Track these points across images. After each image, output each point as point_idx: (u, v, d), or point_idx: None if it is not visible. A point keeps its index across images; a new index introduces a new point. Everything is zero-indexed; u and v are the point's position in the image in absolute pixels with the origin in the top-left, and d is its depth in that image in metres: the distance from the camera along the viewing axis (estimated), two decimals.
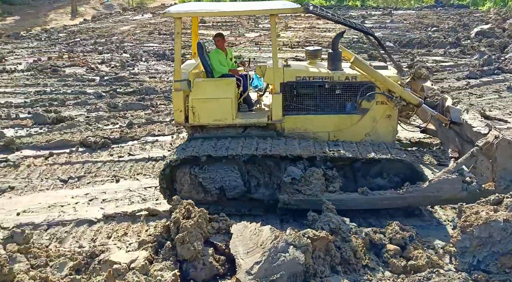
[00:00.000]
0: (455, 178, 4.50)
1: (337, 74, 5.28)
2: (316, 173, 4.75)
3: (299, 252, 3.25)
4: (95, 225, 5.12)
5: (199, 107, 5.24)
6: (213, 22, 21.69)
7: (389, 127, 5.41)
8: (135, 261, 3.59)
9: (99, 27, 20.97)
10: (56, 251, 3.90)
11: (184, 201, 4.22)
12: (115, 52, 14.96)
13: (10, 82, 11.41)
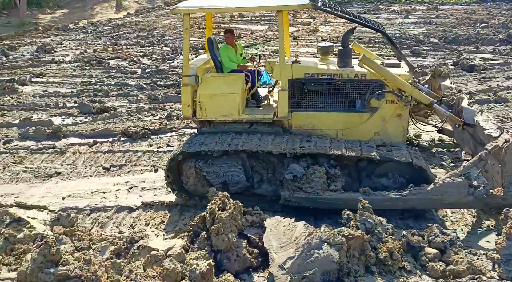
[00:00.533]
0: (461, 182, 4.33)
1: (346, 72, 5.18)
2: (318, 171, 4.71)
3: (333, 250, 3.23)
4: (134, 212, 5.32)
5: (206, 102, 5.26)
6: (251, 17, 21.71)
7: (399, 127, 5.26)
8: (172, 249, 3.70)
9: (142, 21, 21.60)
10: (98, 235, 4.10)
11: (220, 193, 4.29)
12: (156, 46, 15.36)
13: (58, 73, 12.03)
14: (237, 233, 3.90)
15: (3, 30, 19.62)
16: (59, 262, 3.13)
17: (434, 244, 3.81)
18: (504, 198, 4.29)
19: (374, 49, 14.14)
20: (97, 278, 3.08)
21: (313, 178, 4.70)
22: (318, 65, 5.37)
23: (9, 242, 3.70)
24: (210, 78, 5.43)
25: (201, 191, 5.16)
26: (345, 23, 19.46)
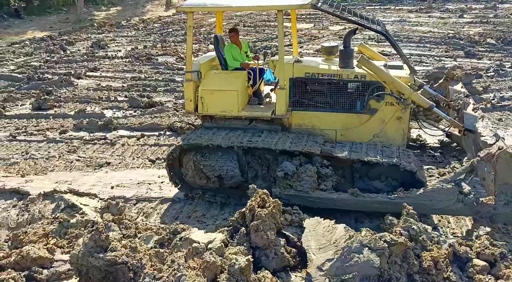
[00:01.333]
0: (450, 188, 4.28)
1: (346, 72, 5.16)
2: (309, 170, 4.73)
3: (374, 255, 3.17)
4: (177, 204, 5.50)
5: (207, 97, 5.38)
6: (296, 15, 21.55)
7: (399, 130, 5.20)
8: (212, 242, 3.79)
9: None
10: (144, 224, 4.29)
11: (260, 191, 4.33)
12: (202, 43, 15.68)
13: (111, 68, 12.64)
14: (276, 231, 3.92)
15: (62, 26, 20.93)
16: (107, 248, 3.32)
17: (483, 256, 3.62)
18: (495, 207, 4.20)
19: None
20: (142, 265, 3.23)
21: (304, 177, 4.73)
22: (319, 65, 5.36)
23: (63, 226, 3.98)
24: (213, 74, 5.57)
25: (199, 183, 5.37)
26: (394, 23, 18.82)
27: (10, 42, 17.06)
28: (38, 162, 6.70)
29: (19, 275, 3.24)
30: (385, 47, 13.84)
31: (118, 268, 3.19)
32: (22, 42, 17.02)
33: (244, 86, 5.47)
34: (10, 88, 10.70)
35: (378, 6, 24.52)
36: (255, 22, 19.90)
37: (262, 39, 16.12)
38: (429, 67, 11.24)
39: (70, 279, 3.42)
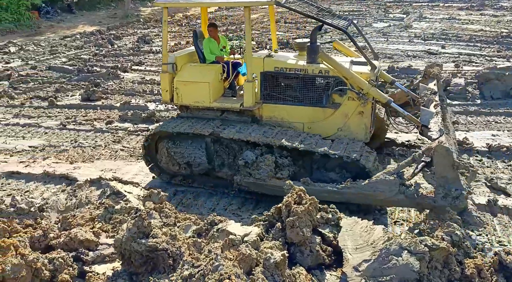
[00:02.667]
0: (392, 180, 4.44)
1: (312, 68, 5.33)
2: (267, 159, 5.03)
3: (414, 259, 3.09)
4: (214, 197, 5.63)
5: (182, 88, 5.70)
6: (339, 11, 21.16)
7: (361, 125, 5.35)
8: (248, 235, 3.84)
9: (232, 15, 22.36)
10: (183, 214, 4.42)
11: (296, 187, 4.34)
12: (243, 39, 15.79)
13: (155, 62, 13.05)
14: (312, 228, 3.92)
15: (110, 21, 21.83)
16: (149, 234, 3.46)
17: None
18: (434, 200, 4.31)
19: None
20: (181, 253, 3.34)
21: (262, 166, 5.03)
22: (288, 60, 5.52)
23: (108, 212, 4.18)
24: (188, 67, 5.86)
25: (172, 169, 5.73)
26: (442, 20, 18.03)
27: (63, 36, 18.03)
28: (85, 150, 7.08)
29: (67, 255, 3.45)
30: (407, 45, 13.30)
31: (159, 254, 3.31)
32: (73, 36, 17.94)
33: (217, 79, 5.73)
34: (62, 80, 11.34)
35: (426, 3, 23.54)
36: (296, 18, 19.75)
37: (302, 36, 15.99)
38: (479, 67, 10.69)
39: (113, 262, 3.60)
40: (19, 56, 14.59)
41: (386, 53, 12.92)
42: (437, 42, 14.06)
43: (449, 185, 4.23)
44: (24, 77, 11.42)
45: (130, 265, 3.41)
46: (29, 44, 16.55)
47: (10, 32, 19.35)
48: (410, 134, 7.19)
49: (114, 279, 3.30)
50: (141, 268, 3.37)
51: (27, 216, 4.14)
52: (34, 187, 5.90)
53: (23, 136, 7.74)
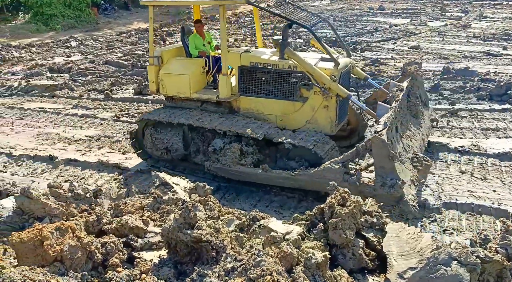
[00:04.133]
0: (337, 168, 4.76)
1: (282, 63, 5.62)
2: (233, 147, 5.42)
3: (464, 270, 2.94)
4: (256, 193, 5.69)
5: (166, 80, 6.18)
6: (392, 9, 20.44)
7: (327, 118, 5.62)
8: (290, 234, 3.85)
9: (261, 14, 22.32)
10: (227, 208, 4.52)
11: (341, 189, 4.28)
12: (290, 37, 15.74)
13: None
14: (355, 231, 3.85)
15: (163, 18, 22.61)
16: (194, 225, 3.56)
17: None
18: (374, 188, 4.59)
19: None
20: (224, 246, 3.42)
21: (228, 152, 5.43)
22: (263, 55, 5.84)
23: (156, 202, 4.37)
24: (173, 60, 6.33)
25: (156, 154, 6.24)
26: (505, 20, 16.84)
27: (119, 32, 18.95)
28: None
29: (118, 241, 3.65)
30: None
31: (203, 245, 3.41)
32: (128, 32, 18.80)
33: (198, 72, 6.15)
34: (117, 74, 11.94)
35: (488, 1, 22.11)
36: (346, 16, 19.34)
37: (352, 34, 15.64)
38: None
39: (160, 250, 3.75)
40: (79, 50, 15.55)
41: (441, 53, 12.31)
42: (498, 43, 13.18)
43: (386, 174, 4.50)
44: (83, 71, 12.16)
45: (175, 254, 3.54)
46: (88, 39, 17.58)
47: (72, 27, 20.67)
48: (464, 139, 6.84)
49: (160, 266, 3.44)
50: (186, 258, 3.48)
51: (83, 201, 4.42)
52: (89, 174, 6.29)
53: (80, 126, 8.25)
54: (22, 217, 3.86)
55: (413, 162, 5.09)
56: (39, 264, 3.05)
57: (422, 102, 6.53)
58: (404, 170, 4.81)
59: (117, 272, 3.28)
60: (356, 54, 12.79)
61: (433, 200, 5.20)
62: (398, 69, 10.92)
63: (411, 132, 5.72)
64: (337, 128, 5.77)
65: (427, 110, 6.60)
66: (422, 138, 5.79)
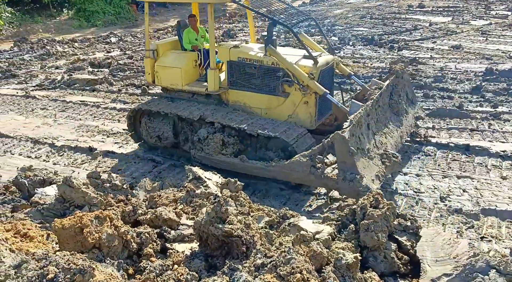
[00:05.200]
0: (305, 162, 5.03)
1: (266, 59, 5.91)
2: (216, 137, 5.79)
3: (503, 280, 2.81)
4: (285, 191, 5.70)
5: (161, 72, 6.62)
6: (433, 7, 19.71)
7: (307, 113, 5.91)
8: (320, 233, 3.84)
9: (315, 10, 22.09)
10: (257, 205, 4.55)
11: (374, 190, 4.21)
12: None
13: None
14: (388, 234, 3.77)
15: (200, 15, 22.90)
16: (225, 220, 3.62)
17: None
18: (337, 182, 4.88)
19: None
20: (254, 242, 3.45)
21: (211, 142, 5.80)
22: (249, 51, 6.10)
23: (189, 195, 4.46)
24: (168, 53, 6.73)
25: (151, 141, 6.69)
26: None
27: (156, 29, 19.41)
28: None
29: (152, 231, 3.77)
30: None
31: (233, 240, 3.46)
32: (165, 29, 19.22)
33: (191, 65, 6.54)
34: None
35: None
36: (384, 14, 18.85)
37: (389, 32, 15.24)
38: None
39: (191, 242, 3.84)
40: (118, 46, 16.08)
41: (483, 53, 11.76)
42: None
43: (346, 169, 4.77)
44: (122, 66, 12.57)
45: (206, 247, 3.61)
46: (127, 36, 18.14)
47: (112, 24, 21.39)
48: (507, 143, 6.54)
49: (192, 258, 3.52)
50: (217, 251, 3.55)
51: (120, 192, 4.59)
52: (125, 166, 6.52)
53: (118, 119, 8.55)
54: (64, 205, 4.06)
55: (383, 158, 5.30)
56: (79, 250, 3.20)
57: (409, 100, 6.78)
58: (371, 165, 5.06)
59: (150, 262, 3.38)
60: (393, 53, 12.46)
61: (470, 206, 5.02)
62: (438, 69, 10.55)
63: (389, 129, 5.92)
64: (317, 123, 6.07)
65: (413, 108, 6.79)
66: (400, 135, 6.03)
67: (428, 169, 6.06)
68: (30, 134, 7.85)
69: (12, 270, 2.19)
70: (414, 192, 5.49)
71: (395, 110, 6.24)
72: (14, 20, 19.67)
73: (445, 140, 6.83)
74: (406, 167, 6.17)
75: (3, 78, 11.81)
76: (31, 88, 10.83)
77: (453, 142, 6.73)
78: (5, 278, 2.12)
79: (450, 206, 5.07)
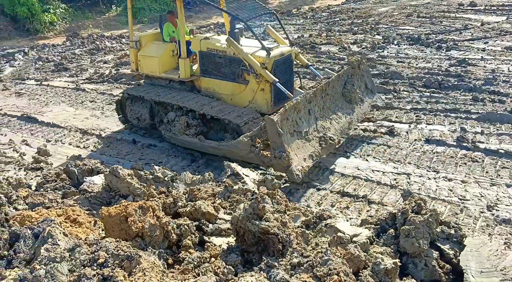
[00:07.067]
0: (246, 142, 5.67)
1: (229, 50, 6.61)
2: (181, 119, 6.54)
3: None
4: (322, 191, 5.64)
5: (142, 61, 7.49)
6: (485, 6, 18.66)
7: (263, 99, 6.58)
8: (358, 236, 3.78)
9: (359, 8, 21.58)
10: (293, 204, 4.55)
11: (416, 195, 4.08)
12: (368, 34, 15.17)
13: None
14: (429, 241, 3.65)
15: None
16: (262, 217, 3.65)
17: None
18: (270, 159, 5.45)
19: None
20: (290, 240, 3.46)
21: (176, 124, 6.58)
22: (216, 42, 6.80)
23: (227, 190, 4.54)
24: (150, 44, 7.58)
25: (134, 122, 7.58)
26: None
27: (199, 26, 19.79)
28: None
29: (191, 224, 3.87)
30: None
31: (270, 237, 3.48)
32: (208, 26, 19.54)
33: (168, 55, 7.32)
34: None
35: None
36: (431, 12, 18.09)
37: (437, 31, 14.61)
38: None
39: (228, 237, 3.91)
40: None
41: None
42: None
43: (276, 147, 5.35)
44: None
45: (243, 242, 3.66)
46: None
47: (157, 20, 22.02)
48: None
49: (228, 252, 3.59)
50: (253, 247, 3.59)
51: (161, 184, 4.75)
52: (166, 159, 6.73)
53: None
54: (110, 194, 4.27)
55: (320, 140, 5.91)
56: (123, 238, 3.35)
57: (368, 89, 7.43)
58: (306, 146, 5.72)
59: (189, 253, 3.48)
60: (441, 53, 11.95)
61: None
62: (489, 71, 10.00)
63: (337, 115, 6.50)
64: (274, 109, 6.48)
65: (371, 97, 7.42)
66: (348, 121, 6.61)
67: (475, 175, 5.78)
68: (79, 125, 8.28)
69: (66, 252, 2.35)
70: (459, 199, 5.26)
71: (347, 98, 6.84)
72: (67, 16, 20.77)
73: (494, 146, 6.48)
74: (451, 172, 5.92)
75: (56, 71, 12.52)
76: (81, 81, 11.41)
77: (503, 148, 6.38)
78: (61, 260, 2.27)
79: (497, 216, 4.82)
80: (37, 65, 13.36)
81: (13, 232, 2.79)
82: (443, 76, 9.88)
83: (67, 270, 2.27)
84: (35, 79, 11.76)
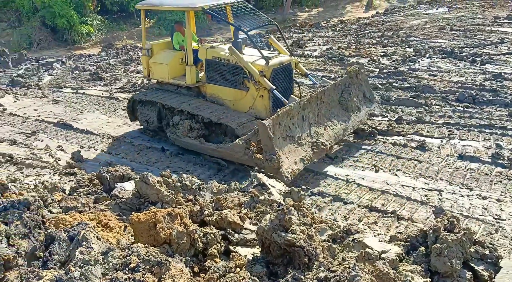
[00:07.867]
0: (240, 144, 5.98)
1: (232, 58, 7.00)
2: (185, 123, 6.97)
3: None
4: (349, 205, 5.55)
5: (153, 67, 7.95)
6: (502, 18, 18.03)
7: (263, 105, 6.96)
8: (386, 253, 3.68)
9: (389, 21, 21.36)
10: (319, 217, 4.50)
11: (449, 213, 3.95)
12: (399, 46, 14.96)
13: (305, 66, 13.40)
14: (462, 261, 3.51)
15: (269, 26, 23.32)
16: (288, 229, 3.63)
17: None
18: (262, 161, 5.67)
19: None
20: (316, 254, 3.41)
21: (180, 127, 7.01)
22: (221, 51, 7.21)
23: (253, 201, 4.54)
24: (160, 52, 8.03)
25: (144, 125, 8.11)
26: None
27: (228, 38, 20.12)
28: None
29: (217, 233, 3.90)
30: None
31: (295, 250, 3.45)
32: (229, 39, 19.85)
33: (177, 62, 7.72)
34: None
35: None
36: (466, 26, 17.66)
37: (471, 45, 14.22)
38: None
39: (254, 248, 3.90)
40: None
41: None
42: None
43: (268, 150, 5.58)
44: None
45: (268, 254, 3.64)
46: None
47: None
48: None
49: (254, 263, 3.57)
50: (278, 259, 3.56)
51: (189, 192, 4.81)
52: (193, 168, 6.82)
53: None
54: (139, 200, 4.36)
55: (313, 145, 6.11)
56: (151, 244, 3.41)
57: (366, 98, 7.61)
58: (299, 150, 5.94)
59: (215, 262, 3.50)
60: (475, 67, 11.61)
61: None
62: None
63: (332, 122, 6.72)
64: (272, 115, 6.51)
65: (368, 106, 7.58)
66: (343, 128, 6.83)
67: (511, 194, 5.54)
68: (112, 132, 8.56)
69: (100, 256, 2.42)
70: (493, 219, 5.04)
71: (344, 107, 7.05)
72: (103, 27, 21.66)
73: None
74: (486, 190, 5.69)
75: (91, 80, 13.03)
76: (114, 90, 11.81)
77: None
78: (95, 263, 2.35)
79: None
80: (73, 74, 13.95)
81: (48, 234, 2.90)
82: (478, 90, 9.58)
83: (100, 273, 2.34)
84: (71, 88, 12.28)
